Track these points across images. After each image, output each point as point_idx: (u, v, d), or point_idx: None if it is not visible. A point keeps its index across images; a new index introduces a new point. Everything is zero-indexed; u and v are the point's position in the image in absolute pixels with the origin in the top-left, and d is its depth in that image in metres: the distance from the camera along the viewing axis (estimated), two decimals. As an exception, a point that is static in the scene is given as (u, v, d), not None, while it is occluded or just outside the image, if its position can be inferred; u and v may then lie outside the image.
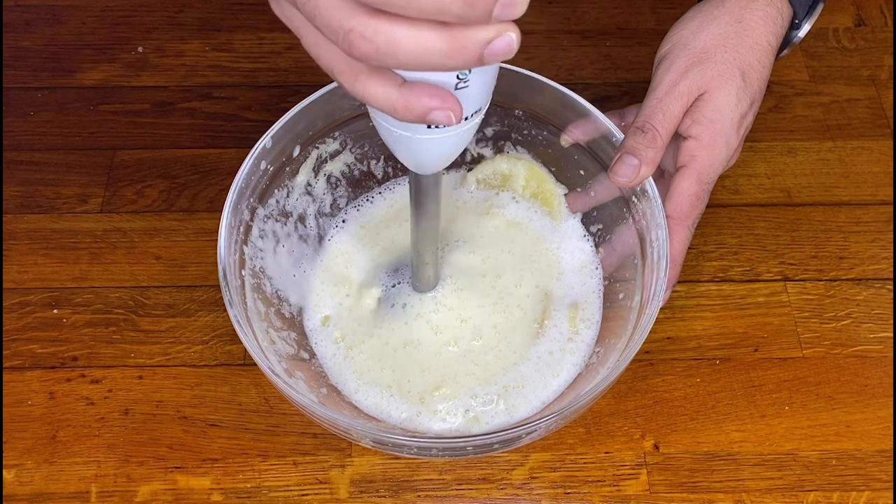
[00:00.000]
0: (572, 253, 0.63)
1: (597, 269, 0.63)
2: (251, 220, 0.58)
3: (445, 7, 0.30)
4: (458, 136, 0.41)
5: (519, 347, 0.60)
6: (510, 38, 0.32)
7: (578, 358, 0.59)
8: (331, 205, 0.65)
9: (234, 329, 0.51)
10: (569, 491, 0.58)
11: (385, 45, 0.32)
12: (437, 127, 0.39)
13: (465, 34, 0.32)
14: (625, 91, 0.75)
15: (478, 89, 0.38)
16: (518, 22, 0.32)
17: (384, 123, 0.40)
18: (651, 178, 0.55)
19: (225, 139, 0.73)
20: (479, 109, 0.40)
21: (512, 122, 0.63)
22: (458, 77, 0.36)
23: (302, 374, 0.57)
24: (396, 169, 0.66)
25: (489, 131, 0.64)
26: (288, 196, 0.61)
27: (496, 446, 0.52)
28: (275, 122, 0.57)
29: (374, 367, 0.59)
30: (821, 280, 0.66)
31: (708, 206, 0.58)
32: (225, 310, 0.52)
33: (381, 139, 0.42)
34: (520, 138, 0.64)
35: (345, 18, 0.32)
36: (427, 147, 0.41)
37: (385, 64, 0.33)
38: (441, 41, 0.32)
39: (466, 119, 0.39)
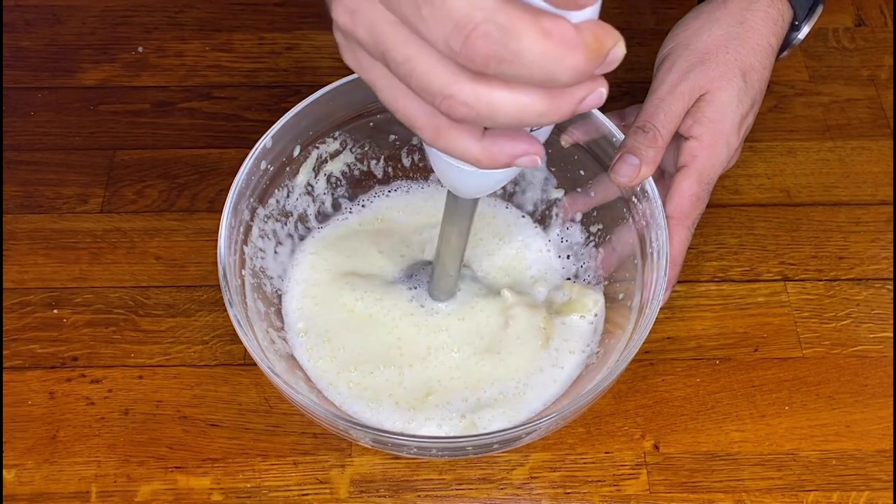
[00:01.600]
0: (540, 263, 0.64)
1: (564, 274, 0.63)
2: (251, 220, 0.58)
3: (555, 77, 0.30)
4: (515, 168, 0.41)
5: (521, 359, 0.59)
6: (601, 94, 0.32)
7: (579, 358, 0.59)
8: (331, 205, 0.65)
9: (234, 329, 0.51)
10: (569, 491, 0.58)
11: (486, 110, 0.32)
12: None
13: (563, 94, 0.32)
14: (625, 91, 0.75)
15: (548, 127, 0.39)
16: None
17: (445, 159, 0.40)
18: (651, 179, 0.55)
19: (225, 139, 0.73)
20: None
21: (512, 122, 0.62)
22: None
23: (302, 374, 0.57)
24: (397, 169, 0.66)
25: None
26: (288, 196, 0.61)
27: (496, 446, 0.52)
28: (275, 122, 0.57)
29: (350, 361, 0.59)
30: (821, 280, 0.66)
31: (708, 206, 0.58)
32: (225, 310, 0.52)
33: (381, 139, 0.42)
34: (520, 138, 0.63)
35: (445, 85, 0.31)
36: (484, 178, 0.42)
37: (481, 125, 0.33)
38: (540, 103, 0.32)
39: None
